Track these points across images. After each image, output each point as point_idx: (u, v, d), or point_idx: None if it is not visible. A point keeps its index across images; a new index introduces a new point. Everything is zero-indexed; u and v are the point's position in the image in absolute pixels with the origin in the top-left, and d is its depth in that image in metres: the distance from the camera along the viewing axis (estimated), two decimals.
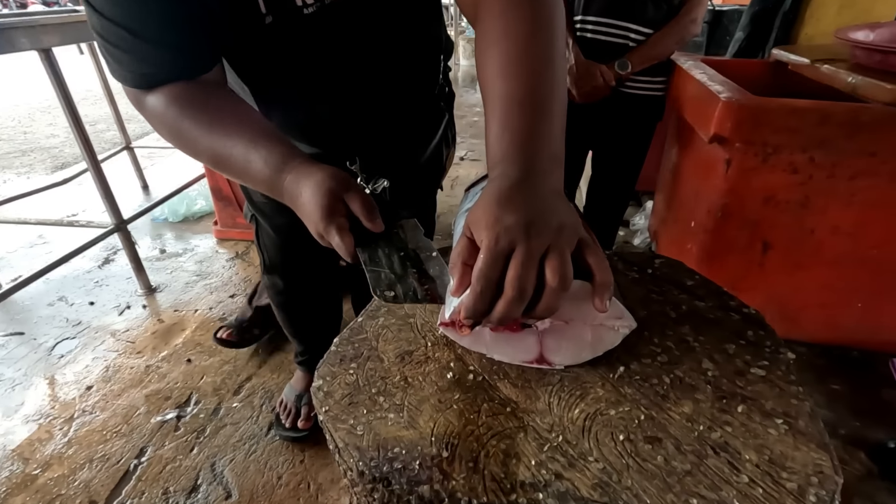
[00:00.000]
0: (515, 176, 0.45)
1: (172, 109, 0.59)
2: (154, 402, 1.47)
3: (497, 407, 0.47)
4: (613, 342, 0.49)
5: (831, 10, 1.38)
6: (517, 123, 0.49)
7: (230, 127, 0.59)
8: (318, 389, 0.49)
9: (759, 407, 0.46)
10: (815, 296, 1.14)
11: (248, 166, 0.57)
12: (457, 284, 0.43)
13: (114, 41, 0.56)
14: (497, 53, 0.52)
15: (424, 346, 0.54)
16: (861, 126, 0.92)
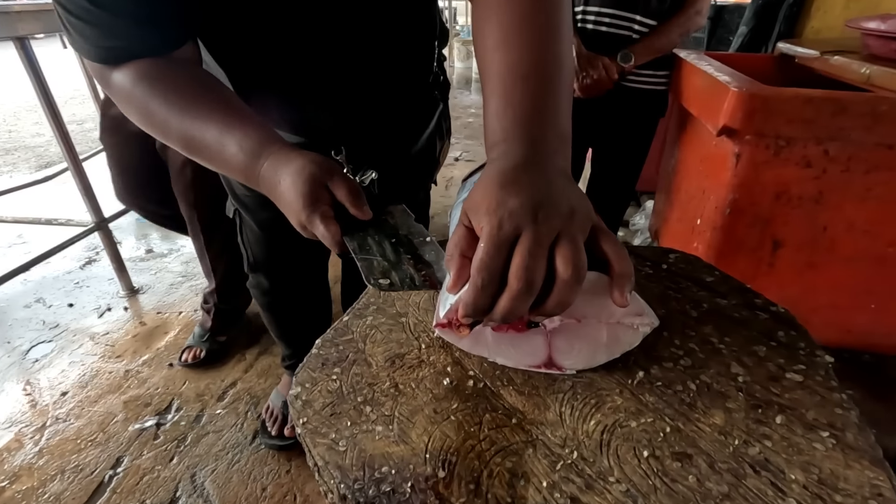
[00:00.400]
0: (519, 155, 0.40)
1: (140, 87, 0.54)
2: (133, 408, 1.39)
3: (501, 418, 0.41)
4: (632, 343, 0.43)
5: (839, 2, 1.34)
6: (520, 98, 0.43)
7: (203, 108, 0.55)
8: (296, 398, 0.43)
9: (800, 417, 0.40)
10: (828, 296, 1.09)
11: (222, 151, 0.53)
12: (454, 279, 0.37)
13: (76, 13, 0.51)
14: (496, 24, 0.46)
15: (418, 348, 0.48)
16: (879, 117, 0.88)
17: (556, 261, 0.34)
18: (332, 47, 0.65)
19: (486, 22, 0.48)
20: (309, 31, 0.63)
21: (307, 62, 0.65)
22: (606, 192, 1.52)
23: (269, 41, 0.62)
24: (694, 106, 1.20)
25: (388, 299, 0.54)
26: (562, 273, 0.33)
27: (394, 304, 0.54)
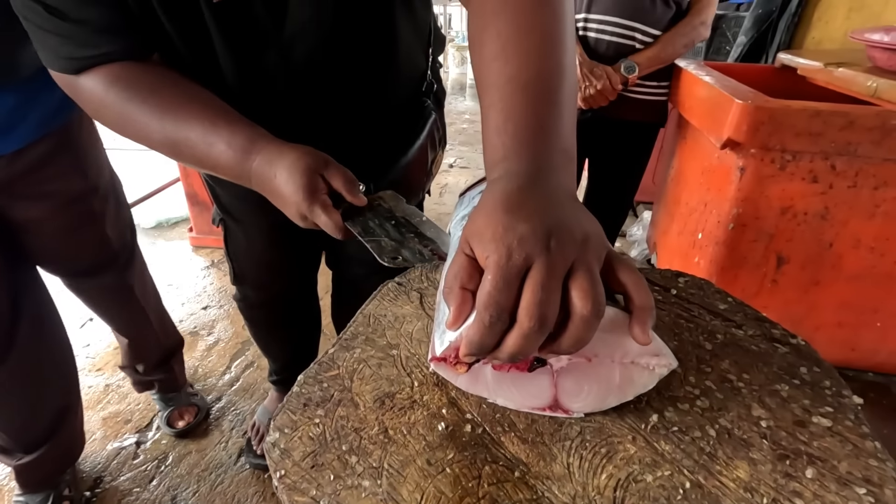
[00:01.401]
0: (523, 175, 0.36)
1: (114, 92, 0.52)
2: (112, 425, 1.34)
3: (502, 471, 0.36)
4: (647, 385, 0.39)
5: (840, 13, 1.32)
6: (521, 111, 0.39)
7: (185, 108, 0.53)
8: (273, 446, 0.38)
9: (832, 470, 0.36)
10: (833, 314, 1.06)
11: (210, 150, 0.52)
12: (455, 315, 0.33)
13: (38, 23, 0.49)
14: (494, 32, 0.43)
15: (410, 385, 0.44)
16: (889, 131, 0.85)
17: (572, 294, 0.30)
18: (315, 55, 0.61)
19: (483, 31, 0.44)
20: (289, 41, 0.59)
21: (287, 72, 0.61)
22: (604, 204, 1.49)
23: (243, 51, 0.58)
24: (695, 117, 1.17)
25: (379, 329, 0.50)
26: (580, 308, 0.29)
27: (384, 335, 0.49)
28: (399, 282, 0.58)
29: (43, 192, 0.90)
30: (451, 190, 2.94)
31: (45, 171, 0.87)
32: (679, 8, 1.22)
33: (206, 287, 1.95)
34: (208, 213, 2.15)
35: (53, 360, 1.04)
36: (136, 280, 1.15)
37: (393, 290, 0.56)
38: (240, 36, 0.56)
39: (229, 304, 1.84)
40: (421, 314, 0.52)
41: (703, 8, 1.23)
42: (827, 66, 1.11)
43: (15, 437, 1.01)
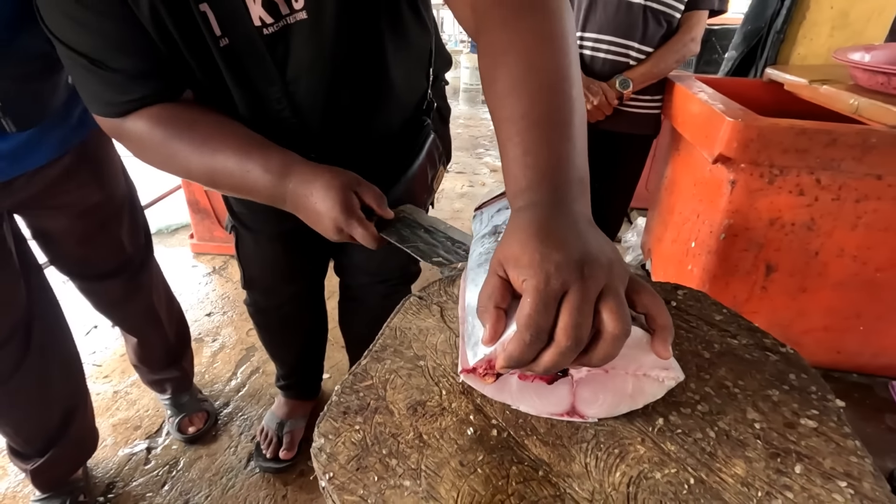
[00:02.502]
0: (547, 205, 0.40)
1: (158, 132, 0.57)
2: (122, 431, 1.36)
3: (528, 471, 0.41)
4: (655, 395, 0.44)
5: (824, 30, 1.38)
6: (538, 145, 0.43)
7: (221, 141, 0.58)
8: (320, 451, 0.42)
9: (818, 466, 0.41)
10: (819, 319, 1.12)
11: (246, 177, 0.57)
12: (491, 333, 0.37)
13: (83, 73, 0.55)
14: (505, 70, 0.47)
15: (438, 394, 0.48)
16: (869, 148, 0.91)
17: (603, 315, 0.34)
18: (314, 87, 0.66)
19: (494, 68, 0.48)
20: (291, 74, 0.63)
21: (287, 102, 0.66)
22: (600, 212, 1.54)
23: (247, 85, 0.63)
24: (688, 131, 1.23)
25: (406, 341, 0.54)
26: (611, 328, 0.34)
27: (411, 347, 0.54)
28: (420, 295, 0.62)
29: (62, 204, 0.93)
30: (447, 195, 2.98)
31: (64, 185, 0.91)
32: (670, 26, 1.28)
33: (209, 293, 1.98)
34: (209, 220, 2.18)
35: (62, 360, 1.07)
36: (148, 280, 1.19)
37: (415, 304, 0.60)
38: (246, 74, 0.61)
39: (233, 311, 1.86)
40: (443, 327, 0.57)
41: (692, 26, 1.29)
42: (812, 83, 1.17)
43: (29, 439, 1.04)
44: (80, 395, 1.12)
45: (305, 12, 0.59)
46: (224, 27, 0.57)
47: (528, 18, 0.47)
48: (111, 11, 0.52)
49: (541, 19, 0.47)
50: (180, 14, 0.54)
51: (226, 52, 0.58)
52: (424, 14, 0.74)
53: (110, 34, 0.53)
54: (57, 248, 0.99)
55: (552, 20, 0.47)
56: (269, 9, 0.57)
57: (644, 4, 1.21)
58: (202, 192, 2.09)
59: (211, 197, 2.10)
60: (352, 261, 1.05)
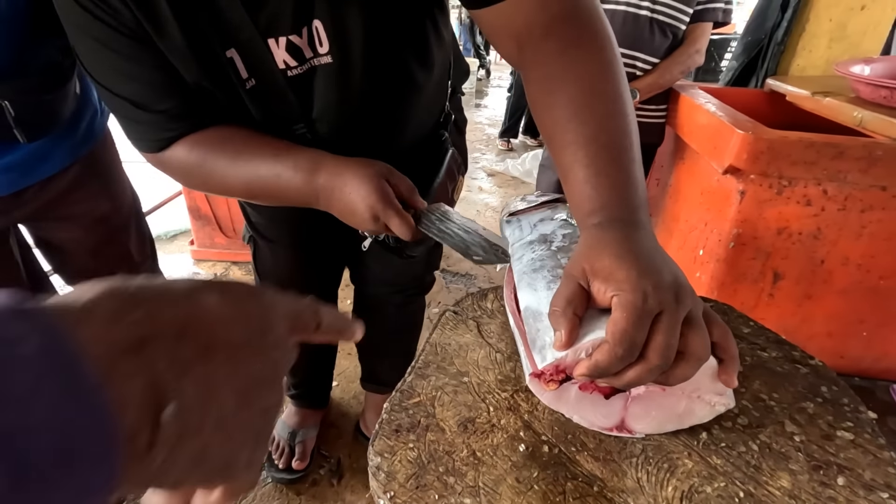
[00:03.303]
0: (627, 224, 0.42)
1: (195, 155, 0.59)
2: None
3: (583, 486, 0.42)
4: (703, 418, 0.45)
5: (822, 42, 1.42)
6: (609, 169, 0.45)
7: (252, 152, 0.59)
8: (378, 469, 0.43)
9: (859, 478, 0.43)
10: (823, 325, 1.15)
11: (279, 180, 0.57)
12: (567, 338, 0.39)
13: (124, 113, 0.58)
14: (564, 97, 0.48)
15: (486, 411, 0.49)
16: (874, 161, 0.94)
17: (689, 339, 0.36)
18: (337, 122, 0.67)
19: (551, 94, 0.49)
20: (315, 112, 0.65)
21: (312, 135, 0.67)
22: None
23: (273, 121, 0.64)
24: (696, 141, 1.25)
25: (447, 357, 0.55)
26: (695, 351, 0.36)
27: (453, 363, 0.55)
28: (455, 310, 0.63)
29: (72, 214, 0.93)
30: None
31: (74, 195, 0.91)
32: (675, 37, 1.31)
33: None
34: (210, 227, 2.16)
35: None
36: None
37: (451, 320, 0.61)
38: (272, 112, 0.63)
39: None
40: (482, 342, 0.58)
41: (697, 38, 1.32)
42: (814, 94, 1.20)
43: None
44: None
45: (330, 56, 0.60)
46: (250, 70, 0.58)
47: (585, 47, 0.49)
48: (147, 60, 0.54)
49: (597, 47, 0.49)
50: (208, 60, 0.56)
51: (252, 92, 0.60)
52: (443, 30, 0.75)
53: (151, 81, 0.56)
54: (66, 259, 0.99)
55: (607, 48, 0.49)
56: (293, 53, 0.59)
57: (651, 17, 1.24)
58: (203, 198, 2.08)
59: (212, 203, 2.09)
60: (369, 270, 1.06)
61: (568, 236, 0.57)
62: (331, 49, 0.59)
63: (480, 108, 5.51)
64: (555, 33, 0.49)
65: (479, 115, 5.13)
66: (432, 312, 1.91)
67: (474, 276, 2.18)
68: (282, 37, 0.57)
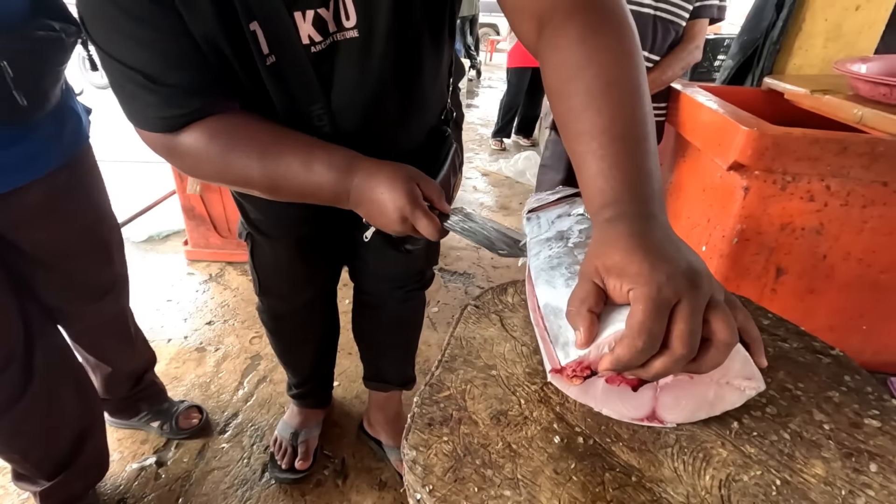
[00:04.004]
0: (640, 217, 0.41)
1: (215, 145, 0.57)
2: (128, 446, 1.32)
3: (621, 477, 0.42)
4: (734, 403, 0.45)
5: (818, 41, 1.45)
6: (624, 160, 0.45)
7: (282, 146, 0.58)
8: (414, 463, 0.42)
9: (890, 465, 0.43)
10: (825, 319, 1.17)
11: (310, 177, 0.57)
12: (586, 336, 0.39)
13: (135, 89, 0.54)
14: (582, 85, 0.48)
15: (518, 403, 0.48)
16: (877, 157, 0.95)
17: (714, 324, 0.36)
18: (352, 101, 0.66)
19: (569, 82, 0.49)
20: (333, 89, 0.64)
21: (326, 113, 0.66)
22: None
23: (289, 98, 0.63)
24: (698, 139, 1.26)
25: (473, 351, 0.55)
26: (722, 336, 0.36)
27: (479, 356, 0.54)
28: (476, 304, 0.63)
29: (58, 223, 0.91)
30: None
31: (59, 201, 0.89)
32: (677, 34, 1.32)
33: (207, 302, 1.94)
34: (205, 227, 2.14)
35: (70, 382, 1.03)
36: (127, 300, 1.18)
37: (474, 314, 0.61)
38: (290, 92, 0.62)
39: (234, 319, 1.83)
40: (506, 336, 0.57)
41: (696, 34, 1.34)
42: (813, 92, 1.22)
43: (37, 464, 1.00)
44: (93, 414, 1.09)
45: (357, 31, 0.59)
46: (272, 45, 0.57)
47: (605, 35, 0.48)
48: (166, 27, 0.52)
49: (618, 37, 0.48)
50: (232, 32, 0.54)
51: (272, 69, 0.59)
52: (456, 9, 0.74)
53: (165, 50, 0.53)
54: (49, 270, 0.95)
55: (627, 37, 0.48)
56: (318, 27, 0.58)
57: (654, 14, 1.25)
58: (197, 198, 2.05)
59: (207, 203, 2.06)
60: (368, 266, 1.05)
61: (584, 231, 0.57)
62: (358, 22, 0.58)
63: (472, 108, 5.51)
64: (578, 17, 0.49)
65: (470, 115, 5.14)
66: (431, 311, 1.91)
67: (472, 275, 2.18)
68: (309, 10, 0.56)
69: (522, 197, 3.06)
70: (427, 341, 1.72)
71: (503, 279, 2.14)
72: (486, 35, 9.02)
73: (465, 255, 2.34)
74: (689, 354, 0.35)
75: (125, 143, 3.68)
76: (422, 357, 1.60)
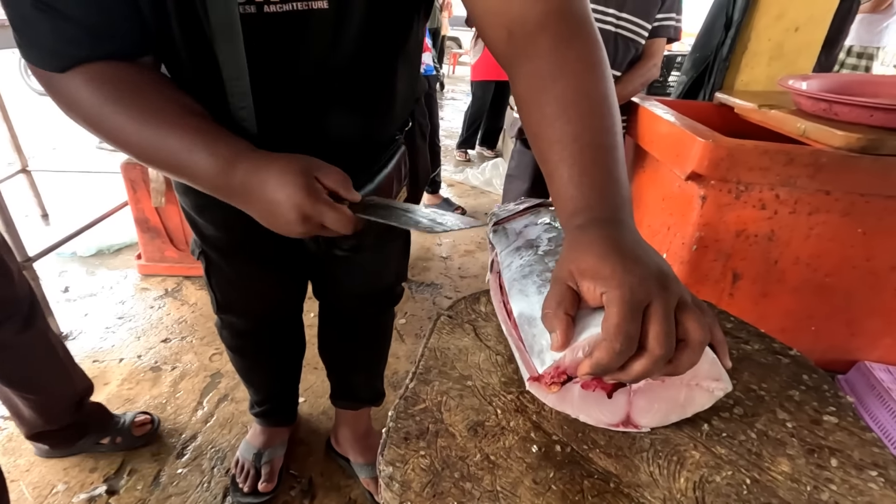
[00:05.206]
0: (610, 223, 0.42)
1: (96, 94, 0.50)
2: (75, 475, 1.23)
3: (600, 483, 0.42)
4: (704, 405, 0.46)
5: (763, 59, 1.54)
6: (593, 168, 0.46)
7: (168, 114, 0.51)
8: (391, 479, 0.41)
9: (849, 459, 0.45)
10: (778, 321, 1.22)
11: (188, 161, 0.51)
12: (562, 339, 0.39)
13: (22, 14, 0.47)
14: (552, 96, 0.48)
15: (494, 413, 0.48)
16: (820, 167, 1.02)
17: (687, 324, 0.37)
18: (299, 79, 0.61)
19: (541, 92, 0.49)
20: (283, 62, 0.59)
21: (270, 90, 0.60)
22: None
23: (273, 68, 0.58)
24: (657, 150, 1.31)
25: (448, 362, 0.54)
26: (696, 336, 0.37)
27: (454, 367, 0.53)
28: (450, 314, 0.62)
29: None
30: None
31: None
32: (636, 52, 1.38)
33: (163, 318, 1.84)
34: (160, 240, 2.04)
35: None
36: (43, 320, 1.11)
37: (447, 324, 0.60)
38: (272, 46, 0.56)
39: (192, 335, 1.75)
40: (480, 345, 0.57)
41: (654, 52, 1.40)
42: (761, 107, 1.29)
43: None
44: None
45: (326, 1, 0.54)
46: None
47: (576, 46, 0.49)
48: None
49: (588, 48, 0.49)
50: None
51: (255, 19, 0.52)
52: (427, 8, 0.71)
53: None
54: None
55: (596, 48, 0.50)
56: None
57: (615, 32, 1.30)
58: (152, 210, 1.96)
59: (162, 215, 1.98)
60: (338, 283, 1.01)
61: (553, 240, 0.58)
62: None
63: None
64: (549, 28, 0.49)
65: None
66: (399, 323, 1.88)
67: (440, 286, 2.17)
68: None
69: (489, 207, 3.08)
70: (395, 353, 1.70)
71: (471, 289, 2.15)
72: (450, 48, 9.14)
73: (433, 265, 2.34)
74: (667, 354, 0.36)
75: (69, 152, 3.50)
76: (390, 370, 1.57)
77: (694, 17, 2.45)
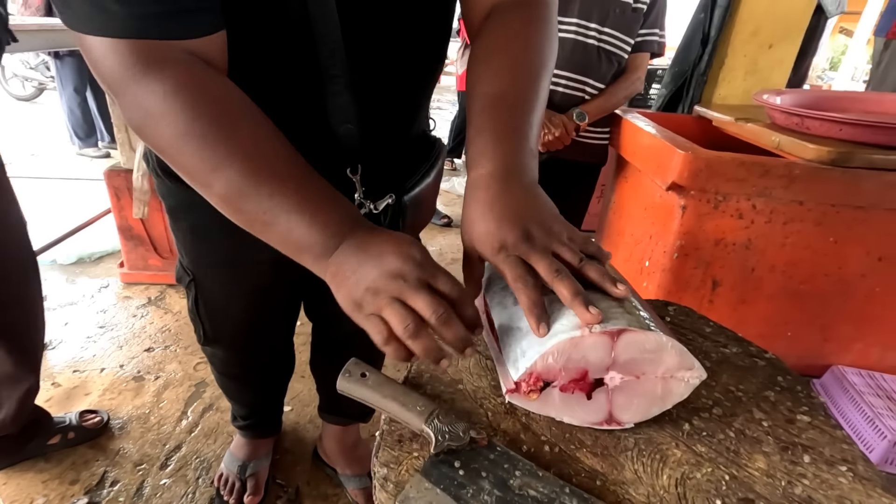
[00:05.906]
0: (497, 167, 0.49)
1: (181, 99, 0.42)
2: (55, 488, 1.21)
3: (587, 482, 0.43)
4: (682, 395, 0.48)
5: (739, 75, 1.60)
6: (495, 119, 0.52)
7: (271, 161, 0.45)
8: (386, 480, 0.42)
9: (821, 455, 0.48)
10: (756, 328, 1.26)
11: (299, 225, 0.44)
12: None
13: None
14: (493, 65, 0.55)
15: (485, 415, 0.49)
16: (794, 178, 1.06)
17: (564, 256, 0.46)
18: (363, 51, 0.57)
19: (483, 63, 0.55)
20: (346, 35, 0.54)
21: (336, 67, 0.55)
22: None
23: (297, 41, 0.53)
24: (639, 161, 1.35)
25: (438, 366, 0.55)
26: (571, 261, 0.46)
27: (445, 371, 0.55)
28: None
29: None
30: None
31: None
32: (619, 65, 1.42)
33: (146, 327, 1.82)
34: (144, 248, 2.02)
35: None
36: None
37: None
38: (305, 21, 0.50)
39: (175, 344, 1.73)
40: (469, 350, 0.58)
41: (637, 66, 1.44)
42: (737, 120, 1.34)
43: None
44: None
45: None
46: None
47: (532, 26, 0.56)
48: None
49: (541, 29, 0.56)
50: None
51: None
52: None
53: None
54: None
55: (548, 30, 0.57)
56: None
57: (597, 46, 1.34)
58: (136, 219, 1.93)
59: (147, 223, 1.96)
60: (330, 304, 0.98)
61: None
62: None
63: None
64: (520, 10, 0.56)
65: None
66: None
67: None
68: None
69: None
70: (385, 361, 1.70)
71: None
72: None
73: None
74: (573, 284, 0.42)
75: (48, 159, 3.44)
76: None
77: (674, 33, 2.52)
